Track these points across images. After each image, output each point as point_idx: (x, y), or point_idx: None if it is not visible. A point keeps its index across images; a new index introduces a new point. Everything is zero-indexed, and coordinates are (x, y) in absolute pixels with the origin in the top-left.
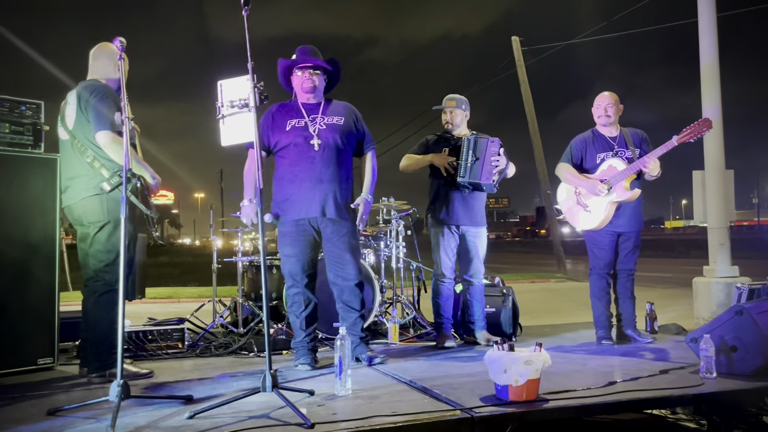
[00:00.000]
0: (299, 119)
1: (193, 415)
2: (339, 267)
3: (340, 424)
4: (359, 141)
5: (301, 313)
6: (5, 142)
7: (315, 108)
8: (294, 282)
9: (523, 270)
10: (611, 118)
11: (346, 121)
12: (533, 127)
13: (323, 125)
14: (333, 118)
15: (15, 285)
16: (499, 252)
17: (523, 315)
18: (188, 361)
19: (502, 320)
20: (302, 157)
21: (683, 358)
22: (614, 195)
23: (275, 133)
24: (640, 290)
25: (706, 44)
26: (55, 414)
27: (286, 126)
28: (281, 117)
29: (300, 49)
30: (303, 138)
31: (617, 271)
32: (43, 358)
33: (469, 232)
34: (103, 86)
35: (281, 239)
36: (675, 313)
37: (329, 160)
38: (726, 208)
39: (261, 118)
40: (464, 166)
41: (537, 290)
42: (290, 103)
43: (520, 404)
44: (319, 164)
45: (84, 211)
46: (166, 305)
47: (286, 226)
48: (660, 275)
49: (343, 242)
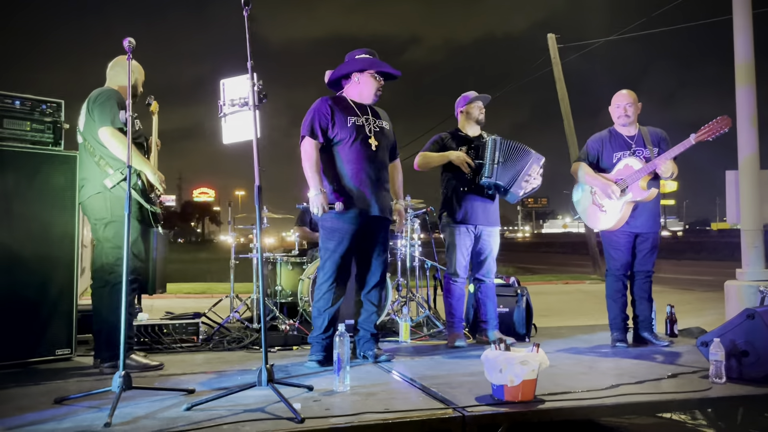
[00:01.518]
0: (357, 117)
1: (191, 407)
2: (373, 262)
3: (331, 420)
4: (392, 148)
5: (326, 309)
6: (26, 139)
7: (365, 109)
8: (330, 277)
9: (558, 271)
10: (630, 118)
11: (390, 127)
12: (569, 126)
13: (377, 127)
14: (382, 122)
15: (35, 278)
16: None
17: (552, 316)
18: (200, 355)
19: (515, 320)
20: (362, 155)
21: (697, 362)
22: (630, 195)
23: (336, 125)
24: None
25: (741, 42)
26: (62, 402)
27: (347, 121)
28: (340, 111)
29: (369, 51)
30: (363, 137)
31: (634, 273)
32: (61, 348)
33: (485, 231)
34: (108, 90)
35: (329, 233)
36: (711, 317)
37: (382, 161)
38: (760, 210)
39: (313, 106)
40: (490, 166)
41: (571, 291)
42: (342, 99)
43: (514, 404)
44: (376, 164)
45: (91, 208)
46: (199, 300)
47: (339, 222)
48: (701, 278)
49: (382, 240)
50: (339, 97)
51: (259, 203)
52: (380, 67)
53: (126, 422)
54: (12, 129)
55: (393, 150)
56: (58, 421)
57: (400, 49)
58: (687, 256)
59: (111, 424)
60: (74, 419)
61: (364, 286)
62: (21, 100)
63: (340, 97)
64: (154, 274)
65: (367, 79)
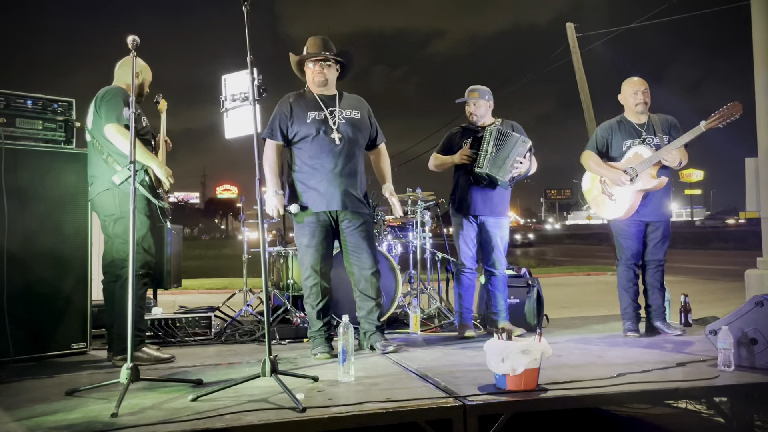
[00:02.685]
0: (319, 111)
1: (196, 398)
2: (356, 256)
3: (332, 409)
4: (372, 136)
5: (317, 303)
6: (39, 138)
7: (332, 100)
8: (311, 273)
9: (581, 263)
10: (648, 105)
11: (362, 115)
12: (589, 115)
13: (342, 119)
14: (351, 112)
15: (49, 274)
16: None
17: (571, 308)
18: (212, 348)
19: (526, 311)
20: (323, 150)
21: (707, 351)
22: (640, 183)
23: (295, 124)
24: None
25: (759, 27)
26: (72, 394)
27: (306, 118)
28: (300, 108)
29: (309, 41)
30: (324, 131)
31: (646, 262)
32: (77, 343)
33: (488, 222)
34: (114, 88)
35: (300, 230)
36: (733, 307)
37: (349, 153)
38: None
39: (276, 106)
40: (483, 157)
41: (592, 283)
42: (306, 93)
43: (516, 393)
44: (340, 157)
45: (100, 205)
46: (220, 295)
47: (306, 217)
48: (726, 268)
49: (360, 232)
50: (303, 92)
51: (261, 196)
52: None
53: (132, 412)
54: (24, 128)
55: (373, 137)
56: (67, 411)
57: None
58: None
59: (118, 414)
60: (83, 410)
61: (358, 282)
62: (33, 99)
63: (305, 92)
64: (168, 269)
65: (307, 69)
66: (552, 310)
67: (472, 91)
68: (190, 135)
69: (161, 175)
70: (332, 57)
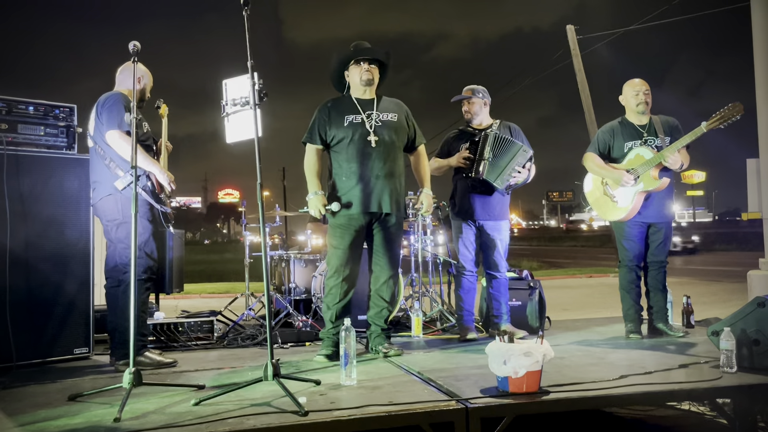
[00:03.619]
0: (356, 115)
1: (199, 402)
2: (381, 257)
3: (334, 413)
4: (411, 138)
5: (335, 304)
6: (41, 144)
7: (369, 104)
8: (336, 273)
9: (583, 264)
10: (649, 106)
11: (400, 118)
12: (590, 117)
13: (379, 122)
14: (388, 114)
15: (52, 279)
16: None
17: (573, 310)
18: (214, 352)
19: (528, 313)
20: (359, 153)
21: (709, 352)
22: (641, 185)
23: (332, 128)
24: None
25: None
26: (75, 399)
27: (343, 122)
28: (337, 112)
29: (356, 44)
30: (360, 134)
31: (648, 264)
32: (79, 348)
33: (487, 225)
34: (115, 94)
35: (332, 231)
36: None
37: (385, 156)
38: None
39: (316, 110)
40: (481, 163)
41: (594, 285)
42: (344, 98)
43: (518, 396)
44: (376, 160)
45: (103, 210)
46: (222, 299)
47: (339, 219)
48: (729, 269)
49: (390, 235)
50: (342, 98)
51: (262, 201)
52: (360, 54)
53: (135, 417)
54: (26, 134)
55: (411, 140)
56: (71, 416)
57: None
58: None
59: (120, 419)
60: (86, 415)
61: (375, 282)
62: (34, 105)
63: (344, 97)
64: (170, 273)
65: (352, 70)
66: (554, 313)
67: (466, 90)
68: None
69: (163, 180)
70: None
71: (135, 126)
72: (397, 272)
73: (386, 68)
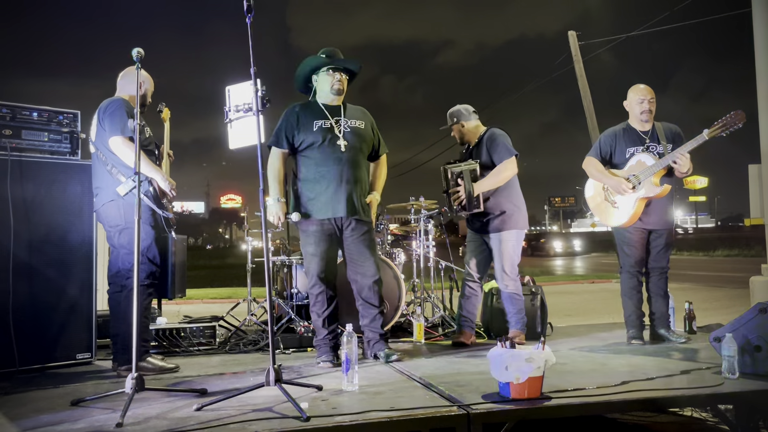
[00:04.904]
0: (325, 120)
1: (201, 408)
2: (359, 264)
3: (336, 418)
4: (375, 146)
5: (324, 311)
6: (45, 149)
7: (337, 110)
8: (317, 281)
9: (584, 270)
10: (653, 113)
11: (366, 126)
12: (592, 123)
13: (347, 128)
14: (355, 121)
15: (55, 284)
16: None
17: (575, 316)
18: (216, 357)
19: (530, 319)
20: (329, 157)
21: (711, 358)
22: (643, 191)
23: (300, 132)
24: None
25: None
26: (78, 404)
27: (312, 126)
28: (306, 116)
29: (328, 51)
30: (330, 139)
31: (649, 270)
32: (81, 353)
33: (487, 237)
34: (117, 100)
35: (305, 238)
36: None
37: (354, 161)
38: None
39: (282, 115)
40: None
41: (596, 291)
42: (311, 103)
43: (520, 402)
44: (346, 165)
45: (106, 216)
46: (225, 305)
47: (311, 225)
48: (731, 275)
49: (363, 240)
50: (309, 103)
51: (264, 206)
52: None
53: (137, 422)
54: (30, 140)
55: (376, 148)
56: (73, 422)
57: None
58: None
59: (122, 425)
60: (88, 420)
61: (360, 290)
62: (38, 111)
63: (311, 102)
64: (173, 279)
65: (321, 77)
66: (556, 318)
67: (448, 118)
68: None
69: (165, 186)
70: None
71: (138, 132)
72: (380, 275)
73: (354, 77)
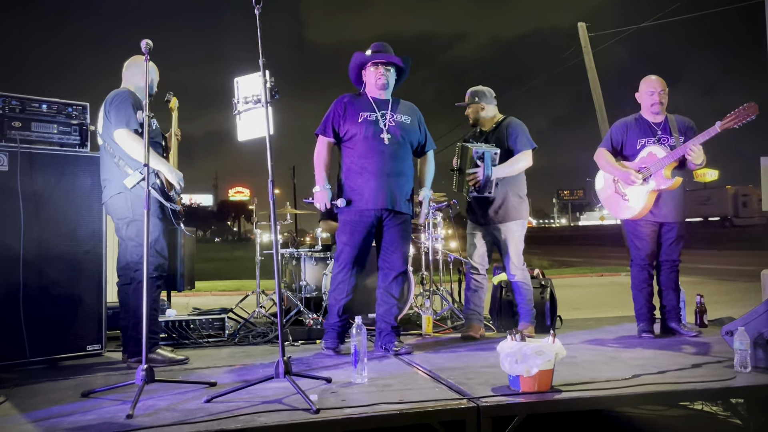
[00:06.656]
0: (371, 113)
1: (211, 399)
2: (390, 254)
3: (345, 410)
4: (421, 142)
5: (342, 299)
6: (54, 142)
7: (385, 104)
8: (343, 269)
9: (594, 263)
10: (664, 105)
11: (413, 121)
12: (601, 115)
13: (393, 122)
14: (402, 116)
15: (64, 276)
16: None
17: (584, 309)
18: (226, 349)
19: (539, 312)
20: (372, 150)
21: (723, 352)
22: (653, 183)
23: (346, 123)
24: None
25: None
26: (88, 396)
27: (358, 117)
28: (353, 108)
29: (375, 45)
30: (374, 132)
31: (660, 263)
32: (92, 344)
33: (494, 228)
34: (123, 91)
35: (342, 227)
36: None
37: (396, 155)
38: None
39: (332, 104)
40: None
41: (605, 284)
42: (361, 95)
43: (530, 395)
44: (388, 158)
45: (114, 208)
46: (233, 297)
47: (350, 215)
48: (742, 268)
49: (399, 232)
50: (359, 95)
51: (273, 198)
52: (376, 58)
53: (147, 414)
54: (40, 132)
55: (422, 144)
56: (83, 413)
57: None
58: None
59: (133, 416)
60: (98, 411)
61: (384, 279)
62: (48, 103)
63: (361, 94)
64: (182, 271)
65: (368, 72)
66: (565, 311)
67: (467, 96)
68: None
69: (172, 179)
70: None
71: (147, 124)
72: (407, 269)
73: (403, 72)
